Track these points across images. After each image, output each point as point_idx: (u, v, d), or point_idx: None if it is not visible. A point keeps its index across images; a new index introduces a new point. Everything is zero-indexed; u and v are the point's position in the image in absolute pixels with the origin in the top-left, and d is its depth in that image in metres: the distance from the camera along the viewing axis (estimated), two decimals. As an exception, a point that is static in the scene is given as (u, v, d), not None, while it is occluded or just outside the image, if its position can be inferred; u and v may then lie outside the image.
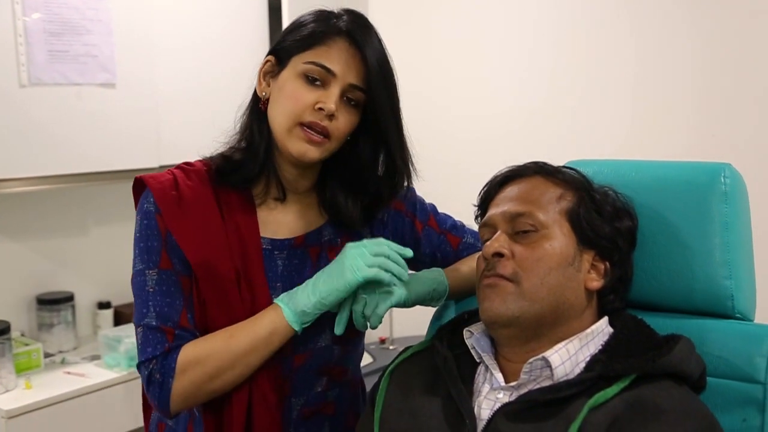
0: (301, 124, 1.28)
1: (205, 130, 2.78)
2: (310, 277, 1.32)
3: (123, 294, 2.91)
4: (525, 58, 2.84)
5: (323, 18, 1.31)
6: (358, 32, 1.28)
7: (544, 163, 1.28)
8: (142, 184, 1.35)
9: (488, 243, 1.21)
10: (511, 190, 1.26)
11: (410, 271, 1.38)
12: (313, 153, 1.29)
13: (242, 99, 1.41)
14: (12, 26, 2.32)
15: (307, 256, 1.39)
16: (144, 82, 2.65)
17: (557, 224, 1.20)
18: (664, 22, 2.46)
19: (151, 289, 1.28)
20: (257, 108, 1.37)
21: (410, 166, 1.39)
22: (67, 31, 2.44)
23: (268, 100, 1.34)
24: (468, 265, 1.49)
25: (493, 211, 1.25)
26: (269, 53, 1.36)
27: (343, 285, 1.27)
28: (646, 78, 2.51)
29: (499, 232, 1.21)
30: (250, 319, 1.29)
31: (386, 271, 1.27)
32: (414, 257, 1.39)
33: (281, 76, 1.31)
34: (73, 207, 2.78)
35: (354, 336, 1.42)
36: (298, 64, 1.29)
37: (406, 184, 1.41)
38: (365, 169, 1.38)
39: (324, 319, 1.33)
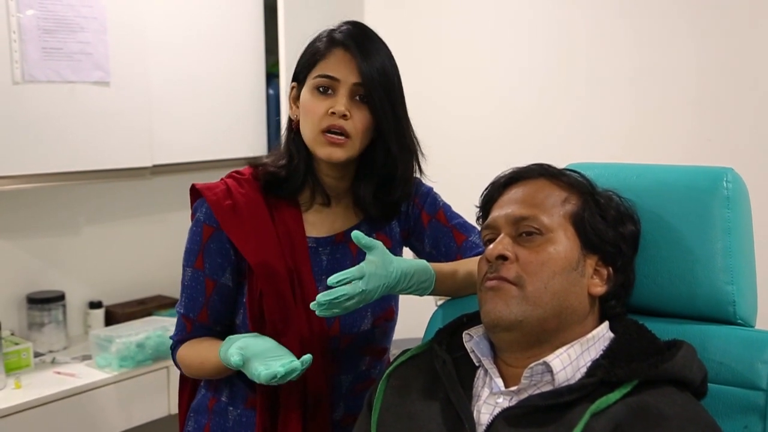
0: (323, 131, 1.42)
1: (199, 129, 2.82)
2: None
3: (114, 293, 2.90)
4: (523, 62, 2.83)
5: (323, 36, 1.48)
6: (352, 39, 1.44)
7: (549, 165, 1.27)
8: (197, 193, 1.51)
9: (492, 245, 1.20)
10: (515, 193, 1.24)
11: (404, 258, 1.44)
12: (338, 153, 1.43)
13: (236, 98, 1.50)
14: (6, 23, 2.30)
15: (348, 250, 1.54)
16: (138, 81, 2.63)
17: (562, 228, 1.19)
18: (663, 25, 2.46)
19: (186, 283, 1.51)
20: (291, 129, 1.53)
21: (413, 154, 1.51)
22: (61, 28, 2.43)
23: (299, 120, 1.49)
24: (465, 269, 1.48)
25: (497, 213, 1.23)
26: (292, 80, 1.53)
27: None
28: (644, 80, 2.50)
29: (502, 235, 1.20)
30: (214, 344, 1.46)
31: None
32: (416, 248, 1.63)
33: (301, 96, 1.48)
34: (65, 205, 2.76)
35: (391, 318, 1.59)
36: (309, 81, 1.46)
37: (415, 173, 1.54)
38: (377, 165, 1.50)
39: (366, 305, 1.43)
